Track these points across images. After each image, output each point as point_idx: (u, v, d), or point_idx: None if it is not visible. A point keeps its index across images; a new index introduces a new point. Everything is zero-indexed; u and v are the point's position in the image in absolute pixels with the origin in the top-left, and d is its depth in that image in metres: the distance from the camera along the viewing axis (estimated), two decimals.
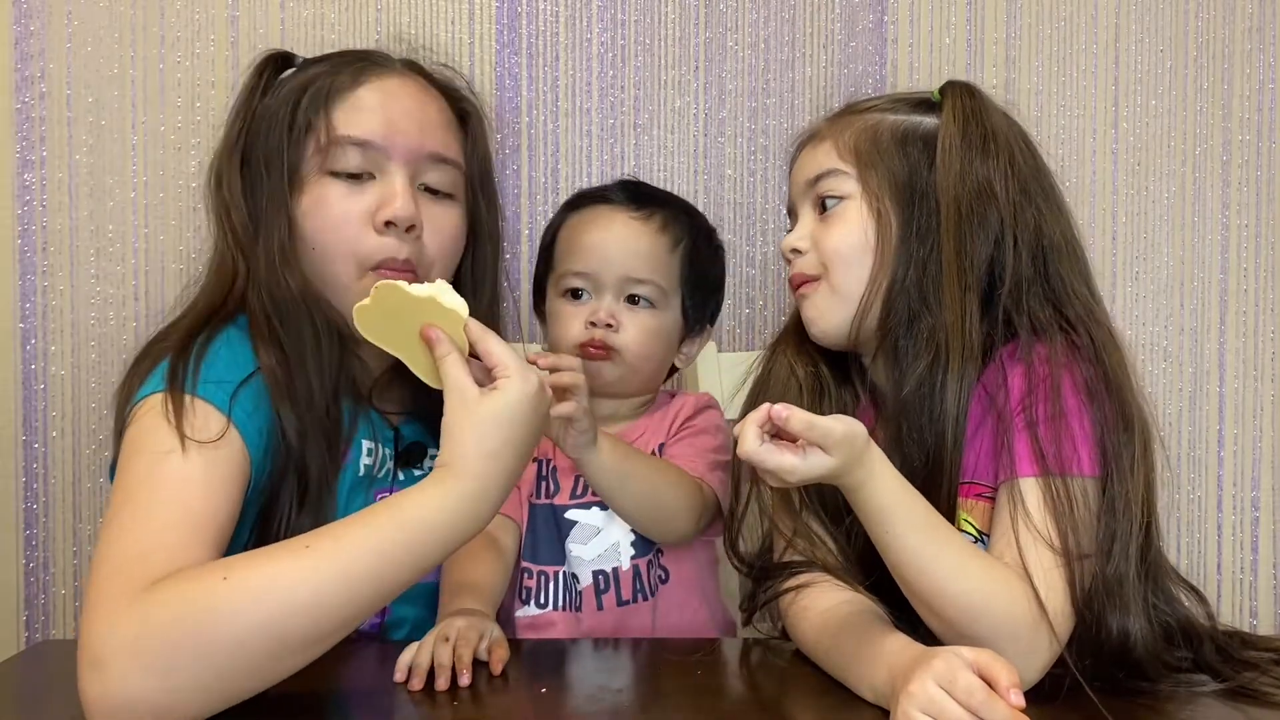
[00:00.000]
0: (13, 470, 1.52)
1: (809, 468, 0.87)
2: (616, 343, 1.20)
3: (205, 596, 0.80)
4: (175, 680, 0.79)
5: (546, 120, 1.56)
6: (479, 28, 1.55)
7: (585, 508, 1.21)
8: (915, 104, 1.11)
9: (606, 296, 1.20)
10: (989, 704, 0.77)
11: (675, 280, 1.23)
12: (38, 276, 1.51)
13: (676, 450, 1.22)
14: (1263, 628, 1.61)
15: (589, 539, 1.20)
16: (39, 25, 1.50)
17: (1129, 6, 1.60)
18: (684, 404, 1.26)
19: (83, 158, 1.51)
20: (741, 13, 1.57)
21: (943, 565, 0.90)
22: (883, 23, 1.58)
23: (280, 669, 0.83)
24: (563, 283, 1.23)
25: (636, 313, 1.21)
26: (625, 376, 1.22)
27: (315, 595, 0.82)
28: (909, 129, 1.08)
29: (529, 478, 1.24)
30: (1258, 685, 0.94)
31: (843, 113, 1.14)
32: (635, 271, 1.20)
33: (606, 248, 1.20)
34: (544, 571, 1.21)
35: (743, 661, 1.06)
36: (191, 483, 0.91)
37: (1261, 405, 1.62)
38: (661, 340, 1.23)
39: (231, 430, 0.96)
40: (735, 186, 1.57)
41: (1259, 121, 1.61)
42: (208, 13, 1.51)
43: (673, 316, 1.24)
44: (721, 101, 1.57)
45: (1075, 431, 0.95)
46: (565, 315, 1.22)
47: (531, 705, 0.91)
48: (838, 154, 1.09)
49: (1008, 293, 1.01)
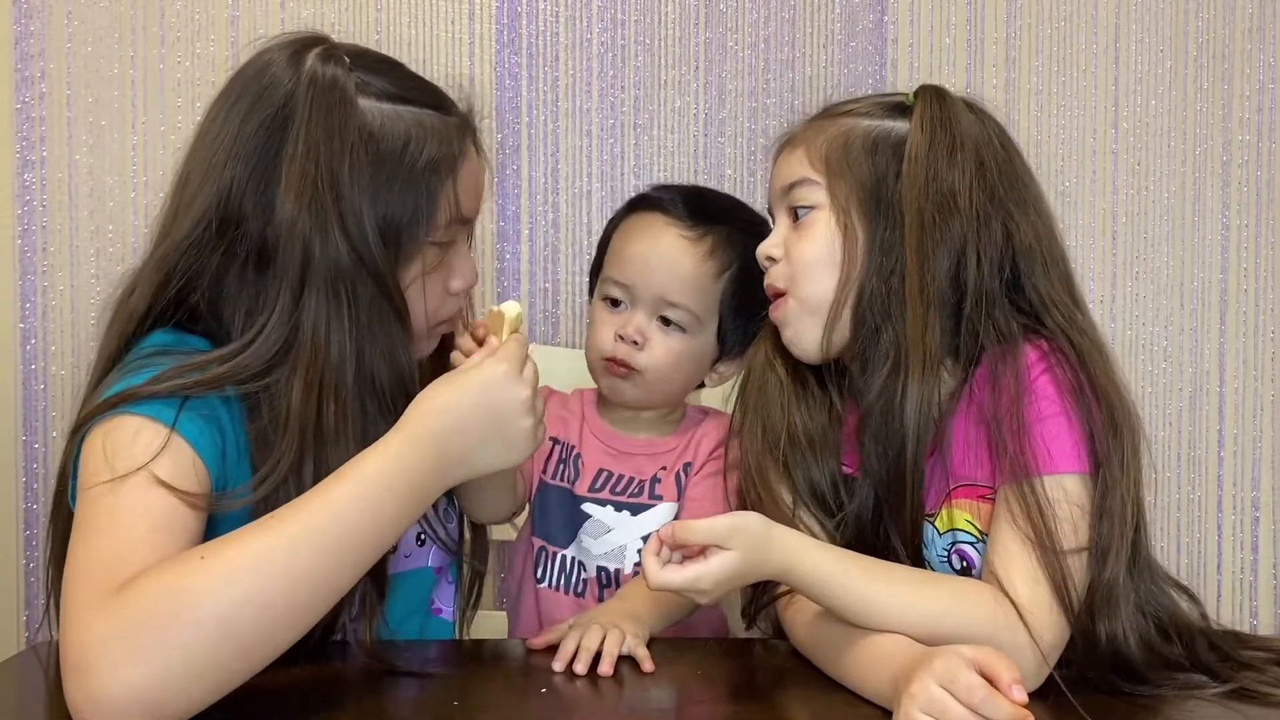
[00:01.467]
0: (13, 470, 1.52)
1: (717, 569, 0.88)
2: (639, 363, 1.19)
3: (185, 578, 0.80)
4: (166, 667, 0.77)
5: (546, 120, 1.56)
6: (479, 28, 1.55)
7: (601, 504, 1.22)
8: (891, 108, 1.10)
9: (639, 313, 1.19)
10: (990, 701, 0.77)
11: (713, 307, 1.21)
12: (38, 276, 1.51)
13: (699, 493, 1.21)
14: (1263, 628, 1.61)
15: (600, 534, 1.21)
16: (39, 25, 1.50)
17: (1129, 6, 1.60)
18: (711, 428, 1.25)
19: (83, 158, 1.51)
20: (741, 13, 1.57)
21: (895, 602, 0.91)
22: (883, 23, 1.58)
23: (270, 646, 0.82)
24: (603, 288, 1.23)
25: (667, 334, 1.20)
26: (643, 397, 1.22)
27: (290, 559, 0.81)
28: (880, 136, 1.07)
29: (540, 453, 1.24)
30: (1256, 685, 0.94)
31: (820, 116, 1.13)
32: (671, 294, 1.18)
33: (649, 262, 1.19)
34: (551, 550, 1.22)
35: (741, 661, 1.06)
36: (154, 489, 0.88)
37: (1261, 405, 1.62)
38: (687, 364, 1.22)
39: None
40: (735, 186, 1.57)
41: (1259, 121, 1.61)
42: (208, 13, 1.52)
43: (705, 341, 1.22)
44: (721, 101, 1.57)
45: (1063, 433, 0.95)
46: (599, 321, 1.22)
47: (531, 705, 0.91)
48: (809, 162, 1.08)
49: (971, 305, 1.01)
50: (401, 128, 1.00)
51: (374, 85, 1.00)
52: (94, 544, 0.84)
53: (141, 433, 0.89)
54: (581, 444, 1.26)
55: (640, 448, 1.25)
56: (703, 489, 1.21)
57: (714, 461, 1.22)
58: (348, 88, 0.98)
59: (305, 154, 0.96)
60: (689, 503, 1.21)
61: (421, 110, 1.02)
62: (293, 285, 0.95)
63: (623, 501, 1.22)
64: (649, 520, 1.21)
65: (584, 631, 0.99)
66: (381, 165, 0.98)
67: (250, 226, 0.97)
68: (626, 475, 1.23)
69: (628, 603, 1.08)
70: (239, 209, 0.97)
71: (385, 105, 1.00)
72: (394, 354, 0.99)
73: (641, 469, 1.23)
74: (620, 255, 1.22)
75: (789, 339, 1.09)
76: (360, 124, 0.97)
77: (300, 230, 0.95)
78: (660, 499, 1.22)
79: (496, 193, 1.55)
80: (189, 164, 1.02)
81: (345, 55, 1.01)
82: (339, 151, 0.96)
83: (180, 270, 0.97)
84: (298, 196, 0.95)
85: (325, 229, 0.95)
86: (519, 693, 0.94)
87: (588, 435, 1.26)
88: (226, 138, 0.98)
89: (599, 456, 1.24)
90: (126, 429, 0.89)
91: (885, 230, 1.03)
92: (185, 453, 0.90)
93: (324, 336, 0.95)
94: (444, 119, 1.03)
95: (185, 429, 0.90)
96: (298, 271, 0.95)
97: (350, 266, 0.96)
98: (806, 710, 0.91)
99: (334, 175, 0.96)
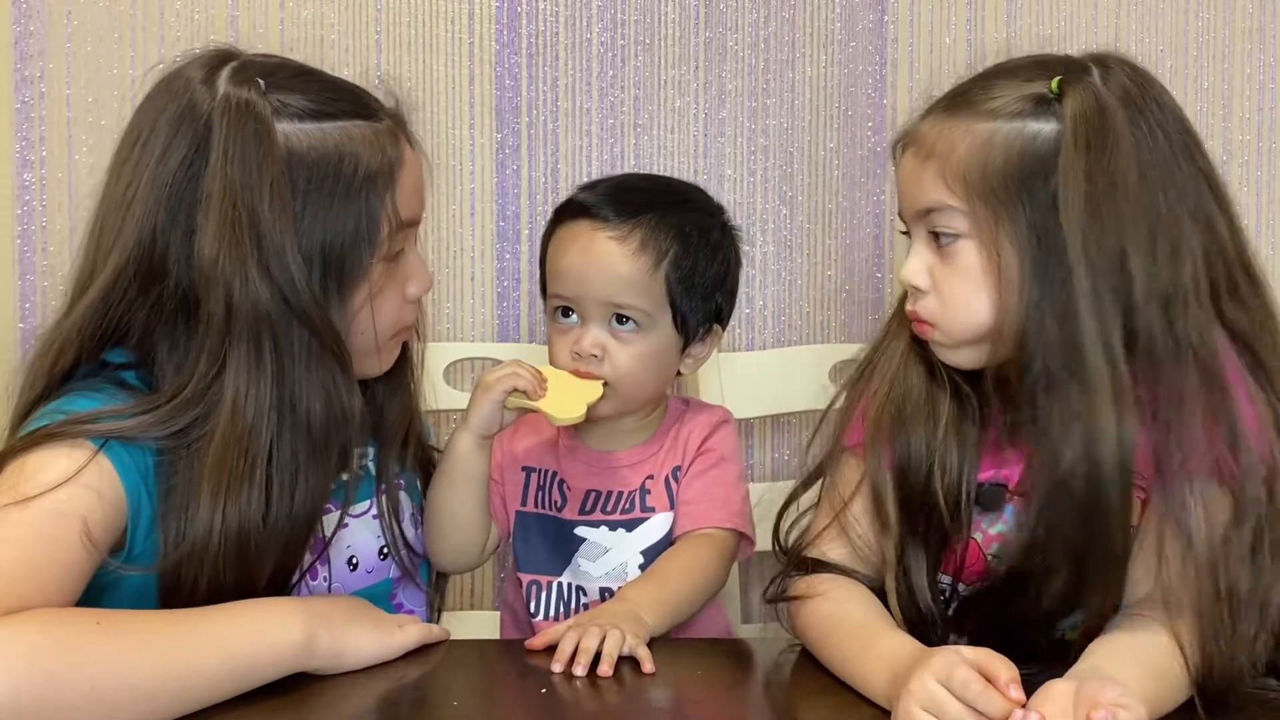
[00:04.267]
0: None
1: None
2: (605, 374, 1.14)
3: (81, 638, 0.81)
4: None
5: (546, 120, 1.56)
6: (479, 27, 1.55)
7: (594, 525, 1.19)
8: (1032, 101, 0.94)
9: (591, 325, 1.15)
10: (984, 696, 0.78)
11: (661, 298, 1.16)
12: (37, 276, 1.51)
13: (693, 494, 1.18)
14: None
15: (597, 557, 1.18)
16: (39, 25, 1.50)
17: (1129, 6, 1.60)
18: (696, 423, 1.22)
19: (82, 158, 1.51)
20: (741, 13, 1.57)
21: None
22: (883, 22, 1.58)
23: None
24: (551, 302, 1.19)
25: (624, 341, 1.15)
26: (620, 407, 1.17)
27: (135, 685, 0.81)
28: (1024, 147, 0.92)
29: (516, 488, 1.22)
30: None
31: (947, 111, 0.98)
32: (616, 297, 1.14)
33: (585, 272, 1.14)
34: (545, 581, 1.20)
35: (741, 661, 1.06)
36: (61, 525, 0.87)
37: None
38: (655, 363, 1.17)
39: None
40: (735, 186, 1.57)
41: (1259, 121, 1.61)
42: (207, 13, 1.51)
43: (664, 335, 1.17)
44: (721, 101, 1.57)
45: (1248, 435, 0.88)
46: (555, 335, 1.18)
47: (531, 705, 0.91)
48: (945, 184, 0.95)
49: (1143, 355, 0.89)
50: (329, 146, 0.95)
51: (292, 105, 0.94)
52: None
53: (59, 459, 0.87)
54: (561, 468, 1.22)
55: (623, 460, 1.21)
56: (696, 489, 1.18)
57: (703, 457, 1.19)
58: (264, 114, 0.92)
59: (222, 193, 0.90)
60: (683, 506, 1.18)
61: (348, 123, 0.97)
62: (215, 338, 0.91)
63: (616, 520, 1.19)
64: (646, 534, 1.18)
65: (583, 632, 0.97)
66: (312, 193, 0.93)
67: (174, 275, 0.92)
68: (615, 490, 1.20)
69: (628, 603, 1.06)
70: (162, 256, 0.92)
71: (308, 125, 0.94)
72: (329, 396, 0.94)
73: (628, 480, 1.20)
74: (557, 270, 1.17)
75: (944, 360, 1.00)
76: (281, 154, 0.92)
77: (221, 276, 0.90)
78: (653, 510, 1.19)
79: (497, 193, 1.55)
80: (103, 206, 0.96)
81: (258, 76, 0.95)
82: (257, 187, 0.90)
83: (104, 330, 0.94)
84: (217, 239, 0.90)
85: (245, 273, 0.90)
86: (519, 693, 0.94)
87: (566, 457, 1.22)
88: (143, 177, 0.93)
89: (583, 478, 1.21)
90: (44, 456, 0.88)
91: (1045, 261, 0.91)
92: (109, 476, 0.89)
93: (244, 397, 0.90)
94: (373, 127, 0.98)
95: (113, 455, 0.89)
96: (221, 323, 0.91)
97: (275, 310, 0.91)
98: (807, 711, 0.91)
99: (254, 214, 0.90)
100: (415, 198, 1.03)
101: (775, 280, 1.58)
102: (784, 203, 1.58)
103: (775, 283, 1.58)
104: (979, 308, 0.95)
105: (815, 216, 1.59)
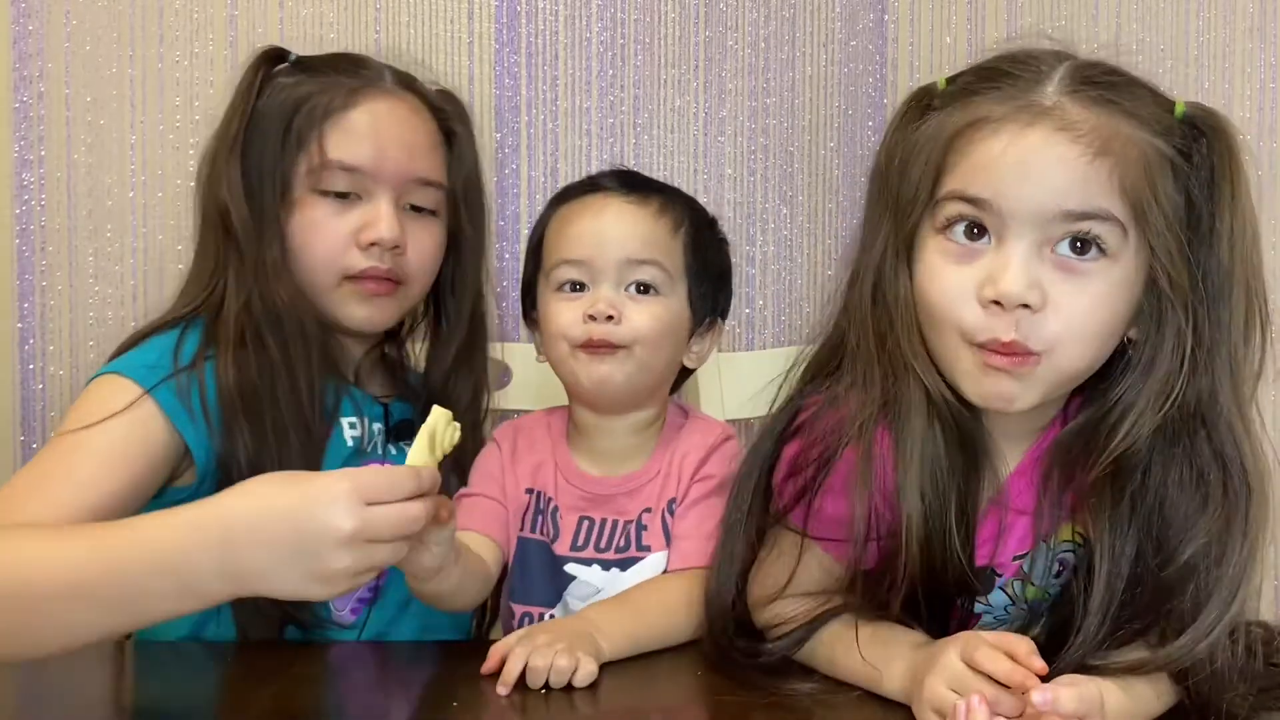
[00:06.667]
0: (11, 471, 1.51)
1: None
2: (621, 337, 1.08)
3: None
4: None
5: (546, 119, 1.55)
6: (479, 27, 1.54)
7: (585, 564, 1.12)
8: (1164, 124, 0.85)
9: (604, 286, 1.09)
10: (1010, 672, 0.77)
11: (680, 265, 1.12)
12: (35, 276, 1.51)
13: (687, 528, 1.11)
14: None
15: (588, 596, 1.12)
16: (38, 25, 1.50)
17: (1129, 6, 1.60)
18: (693, 443, 1.15)
19: (81, 157, 1.51)
20: (741, 12, 1.56)
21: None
22: (883, 22, 1.58)
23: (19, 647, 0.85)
24: (555, 276, 1.12)
25: (640, 302, 1.09)
26: (634, 376, 1.10)
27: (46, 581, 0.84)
28: (1176, 171, 0.84)
29: (519, 506, 1.16)
30: None
31: (1102, 95, 0.83)
32: (636, 253, 1.09)
33: (601, 232, 1.10)
34: (536, 613, 1.13)
35: None
36: (82, 450, 1.00)
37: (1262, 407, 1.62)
38: (671, 332, 1.12)
39: (147, 407, 1.03)
40: (735, 186, 1.57)
41: (1259, 121, 1.61)
42: (207, 13, 1.51)
43: (680, 305, 1.13)
44: (721, 101, 1.57)
45: None
46: (559, 312, 1.11)
47: (531, 705, 0.90)
48: (1114, 187, 0.80)
49: None
50: (284, 95, 1.16)
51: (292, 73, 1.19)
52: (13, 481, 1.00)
53: (117, 394, 1.03)
54: (556, 493, 1.15)
55: (618, 486, 1.14)
56: (690, 522, 1.11)
57: (699, 484, 1.12)
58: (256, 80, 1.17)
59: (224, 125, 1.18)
60: (678, 541, 1.11)
61: (319, 77, 1.17)
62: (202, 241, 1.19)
63: (609, 560, 1.12)
64: (640, 574, 1.11)
65: (532, 649, 0.93)
66: (263, 123, 1.15)
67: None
68: (609, 520, 1.14)
69: (589, 624, 1.00)
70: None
71: (288, 80, 1.18)
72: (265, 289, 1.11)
73: (624, 509, 1.14)
74: (566, 237, 1.11)
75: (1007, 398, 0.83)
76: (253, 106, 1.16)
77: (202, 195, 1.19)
78: (649, 550, 1.12)
79: (497, 193, 1.55)
80: None
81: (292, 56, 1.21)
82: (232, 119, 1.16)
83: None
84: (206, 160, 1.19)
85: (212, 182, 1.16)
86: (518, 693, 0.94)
87: (561, 481, 1.16)
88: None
89: (576, 505, 1.14)
90: (106, 387, 1.05)
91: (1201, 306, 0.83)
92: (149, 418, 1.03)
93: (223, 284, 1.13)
94: (335, 79, 1.17)
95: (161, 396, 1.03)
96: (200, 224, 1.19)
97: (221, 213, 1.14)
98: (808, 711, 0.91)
99: (223, 138, 1.17)
100: (359, 144, 1.15)
101: (775, 280, 1.58)
102: (784, 203, 1.58)
103: (775, 283, 1.58)
104: (1101, 343, 0.83)
105: (815, 216, 1.59)
